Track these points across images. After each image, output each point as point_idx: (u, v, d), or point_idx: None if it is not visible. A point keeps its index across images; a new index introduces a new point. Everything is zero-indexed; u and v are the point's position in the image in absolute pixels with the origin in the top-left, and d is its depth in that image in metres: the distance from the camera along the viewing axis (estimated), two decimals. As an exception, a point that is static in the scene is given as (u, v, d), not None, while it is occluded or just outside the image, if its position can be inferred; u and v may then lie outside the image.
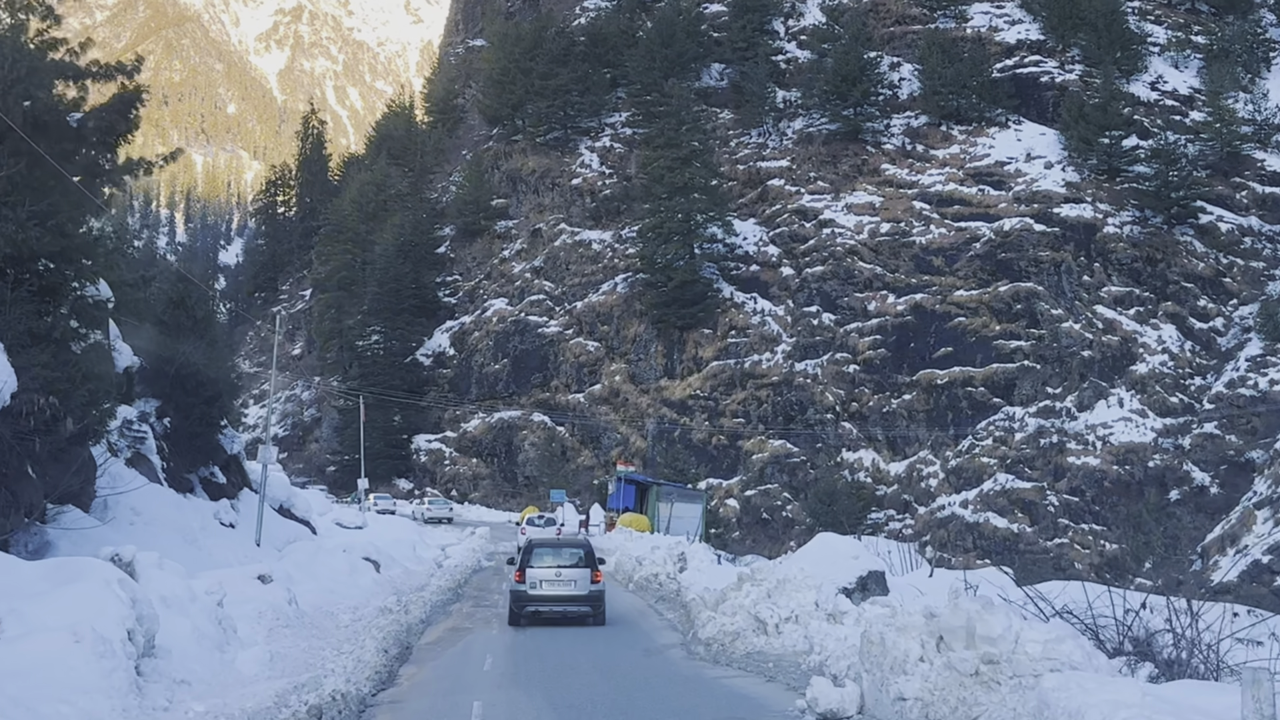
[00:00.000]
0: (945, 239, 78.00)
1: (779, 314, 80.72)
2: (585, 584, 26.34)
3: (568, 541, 31.29)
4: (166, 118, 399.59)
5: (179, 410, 30.24)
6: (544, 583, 26.17)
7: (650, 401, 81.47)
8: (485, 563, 38.76)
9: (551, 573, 26.39)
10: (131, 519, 21.30)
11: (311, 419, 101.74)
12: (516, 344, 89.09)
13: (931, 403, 74.23)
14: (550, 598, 26.21)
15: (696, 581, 26.20)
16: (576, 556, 26.89)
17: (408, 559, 31.13)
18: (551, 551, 27.36)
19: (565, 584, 26.27)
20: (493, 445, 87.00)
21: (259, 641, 16.36)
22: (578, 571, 26.53)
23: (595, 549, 29.17)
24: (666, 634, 23.28)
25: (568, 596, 26.31)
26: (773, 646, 19.18)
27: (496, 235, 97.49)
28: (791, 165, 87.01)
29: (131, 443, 24.94)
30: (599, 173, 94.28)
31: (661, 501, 52.82)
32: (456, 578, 29.78)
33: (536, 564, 26.49)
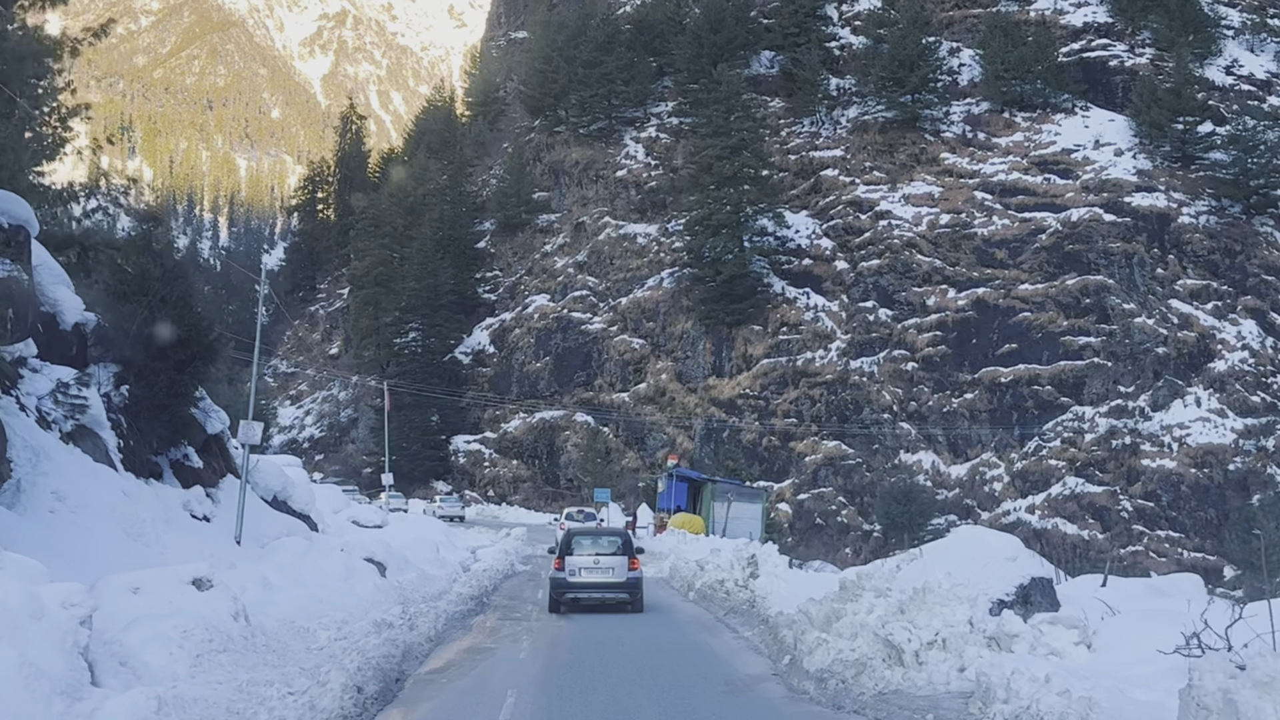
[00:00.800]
0: (1009, 230, 74.18)
1: (833, 309, 77.13)
2: (623, 571, 26.95)
3: (606, 530, 31.75)
4: (211, 122, 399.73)
5: (141, 378, 24.51)
6: (583, 570, 26.77)
7: (698, 401, 78.05)
8: (520, 567, 34.96)
9: (590, 560, 26.98)
10: (52, 506, 16.81)
11: (348, 419, 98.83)
12: (559, 341, 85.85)
13: (995, 402, 70.45)
14: (589, 584, 26.84)
15: (774, 590, 22.22)
16: (615, 545, 27.58)
17: (427, 561, 27.63)
18: (590, 540, 27.98)
19: (604, 571, 26.88)
20: (534, 446, 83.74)
21: (167, 676, 12.04)
22: (616, 559, 27.12)
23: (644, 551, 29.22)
24: (750, 659, 18.11)
25: (606, 584, 26.94)
26: (916, 683, 14.09)
27: (538, 229, 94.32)
28: (846, 155, 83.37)
29: (70, 412, 20.69)
30: (644, 164, 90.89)
31: (717, 500, 49.20)
32: (483, 584, 25.87)
33: (576, 552, 27.12)
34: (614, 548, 27.55)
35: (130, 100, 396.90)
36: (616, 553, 27.37)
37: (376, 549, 22.38)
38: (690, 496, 53.03)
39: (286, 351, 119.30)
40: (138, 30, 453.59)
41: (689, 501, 52.44)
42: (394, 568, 22.30)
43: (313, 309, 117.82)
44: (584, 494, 78.24)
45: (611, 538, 28.40)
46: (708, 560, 26.50)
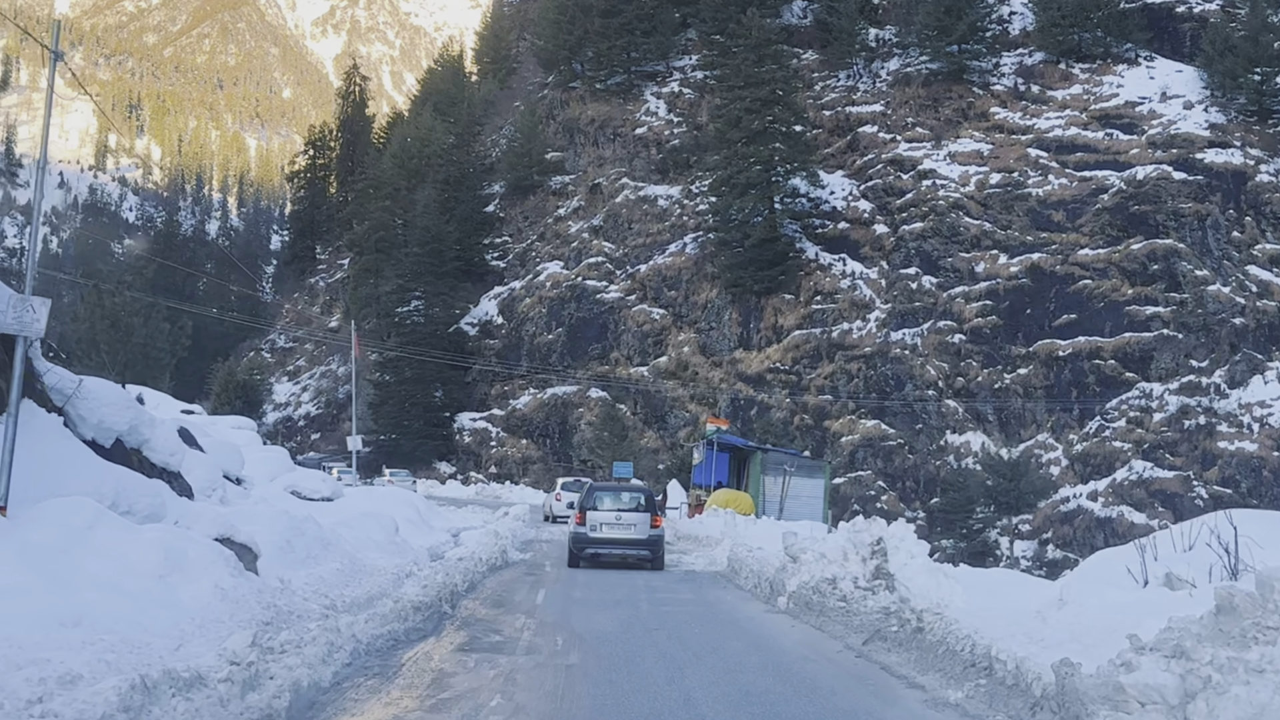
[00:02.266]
0: (1066, 190, 67.64)
1: (871, 277, 70.68)
2: (645, 528, 27.02)
3: (628, 486, 31.54)
4: (221, 101, 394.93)
5: None
6: (604, 525, 26.85)
7: (723, 375, 71.69)
8: (515, 555, 27.82)
9: (612, 516, 27.05)
10: None
11: (346, 396, 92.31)
12: (572, 311, 79.44)
13: (1052, 378, 63.97)
14: (610, 540, 26.90)
15: (944, 598, 13.45)
16: (636, 501, 27.79)
17: (374, 547, 19.92)
18: (612, 495, 28.17)
19: (625, 527, 26.95)
20: (545, 424, 77.39)
21: None
22: (638, 515, 27.20)
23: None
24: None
25: (627, 540, 26.97)
26: None
27: (551, 192, 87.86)
28: (885, 110, 76.78)
29: None
30: (666, 121, 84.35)
31: (768, 474, 41.69)
32: (453, 581, 16.67)
33: (598, 506, 27.28)
34: (635, 504, 27.65)
35: (139, 79, 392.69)
36: (639, 509, 27.47)
37: (259, 528, 13.89)
38: (733, 469, 45.50)
39: (285, 325, 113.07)
40: (148, 8, 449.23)
41: (732, 475, 45.13)
42: (287, 556, 14.06)
43: (313, 280, 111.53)
44: (599, 476, 71.97)
45: (634, 494, 28.71)
46: (802, 550, 17.27)
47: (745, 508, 36.80)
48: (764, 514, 38.02)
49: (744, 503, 37.75)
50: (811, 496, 40.92)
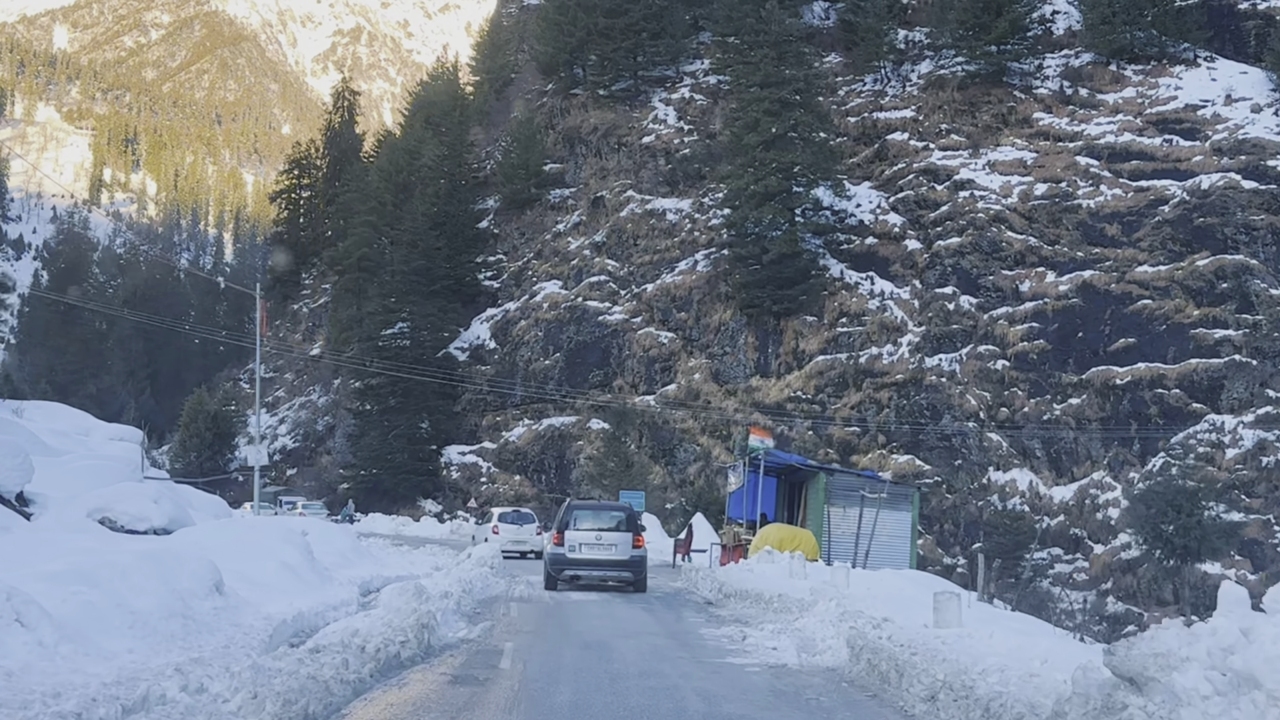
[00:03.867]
0: (1121, 201, 60.96)
1: (903, 297, 63.93)
2: (627, 549, 26.50)
3: (609, 505, 30.78)
4: (219, 137, 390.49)
5: None
6: (584, 546, 26.22)
7: (738, 405, 64.75)
8: (456, 631, 16.96)
9: (592, 536, 26.44)
10: None
11: (325, 428, 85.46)
12: (572, 335, 72.56)
13: (1108, 409, 57.00)
14: (590, 561, 26.34)
15: None
16: (618, 520, 27.09)
17: (135, 625, 10.57)
18: (592, 514, 27.46)
19: (606, 548, 26.36)
20: (540, 458, 70.37)
21: None
22: (619, 535, 26.64)
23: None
24: None
25: (609, 561, 26.40)
26: None
27: (549, 206, 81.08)
28: (917, 116, 70.17)
29: None
30: (675, 129, 77.64)
31: (836, 503, 32.45)
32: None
33: (578, 526, 26.55)
34: (617, 523, 26.94)
35: (136, 113, 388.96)
36: (620, 528, 26.77)
37: None
38: (783, 498, 36.98)
39: (266, 354, 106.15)
40: (147, 44, 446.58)
41: (781, 505, 36.87)
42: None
43: (295, 306, 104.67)
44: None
45: (615, 513, 27.99)
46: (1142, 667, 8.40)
47: (809, 549, 28.60)
48: (833, 559, 29.60)
49: (807, 543, 29.18)
50: (895, 535, 32.15)
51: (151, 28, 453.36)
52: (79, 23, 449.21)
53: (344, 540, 25.18)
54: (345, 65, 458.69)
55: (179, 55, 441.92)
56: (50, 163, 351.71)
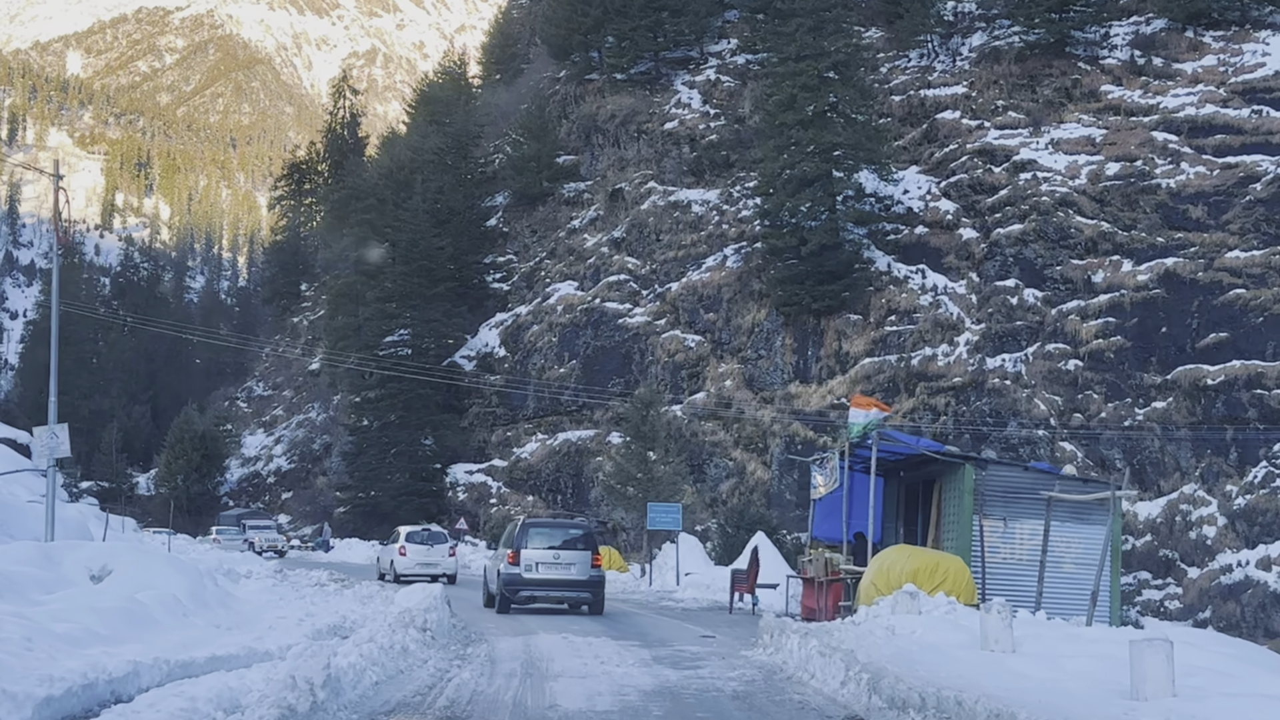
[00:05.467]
0: (1205, 180, 54.12)
1: (959, 291, 57.18)
2: (585, 568, 25.72)
3: (565, 523, 29.80)
4: (234, 160, 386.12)
5: None
6: (541, 565, 25.36)
7: (775, 414, 58.05)
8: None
9: (549, 555, 25.56)
10: None
11: (322, 447, 78.89)
12: (589, 340, 65.96)
13: (1199, 413, 50.00)
14: (547, 582, 25.42)
15: None
16: (575, 538, 26.34)
17: None
18: (547, 532, 26.48)
19: (564, 568, 25.60)
20: (555, 476, 63.71)
21: None
22: (577, 554, 25.79)
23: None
24: None
25: (566, 581, 25.56)
26: None
27: (563, 201, 74.61)
28: (970, 92, 63.51)
29: None
30: (701, 114, 71.05)
31: (991, 513, 23.12)
32: None
33: (532, 545, 25.52)
34: (575, 541, 26.13)
35: (150, 137, 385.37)
36: (578, 547, 25.98)
37: None
38: (896, 504, 27.43)
39: (265, 371, 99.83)
40: (161, 68, 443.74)
41: (891, 517, 27.42)
42: None
43: (295, 320, 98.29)
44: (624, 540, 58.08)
45: (572, 530, 27.21)
46: None
47: (962, 588, 20.13)
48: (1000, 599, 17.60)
49: (957, 578, 20.47)
50: (1081, 562, 22.20)
51: (165, 52, 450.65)
52: (92, 48, 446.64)
53: (185, 580, 17.74)
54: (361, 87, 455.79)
55: (193, 79, 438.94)
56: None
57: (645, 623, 25.28)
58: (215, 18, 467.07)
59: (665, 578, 39.40)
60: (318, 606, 22.44)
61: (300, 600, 23.43)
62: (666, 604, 32.22)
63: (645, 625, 24.49)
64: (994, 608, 15.90)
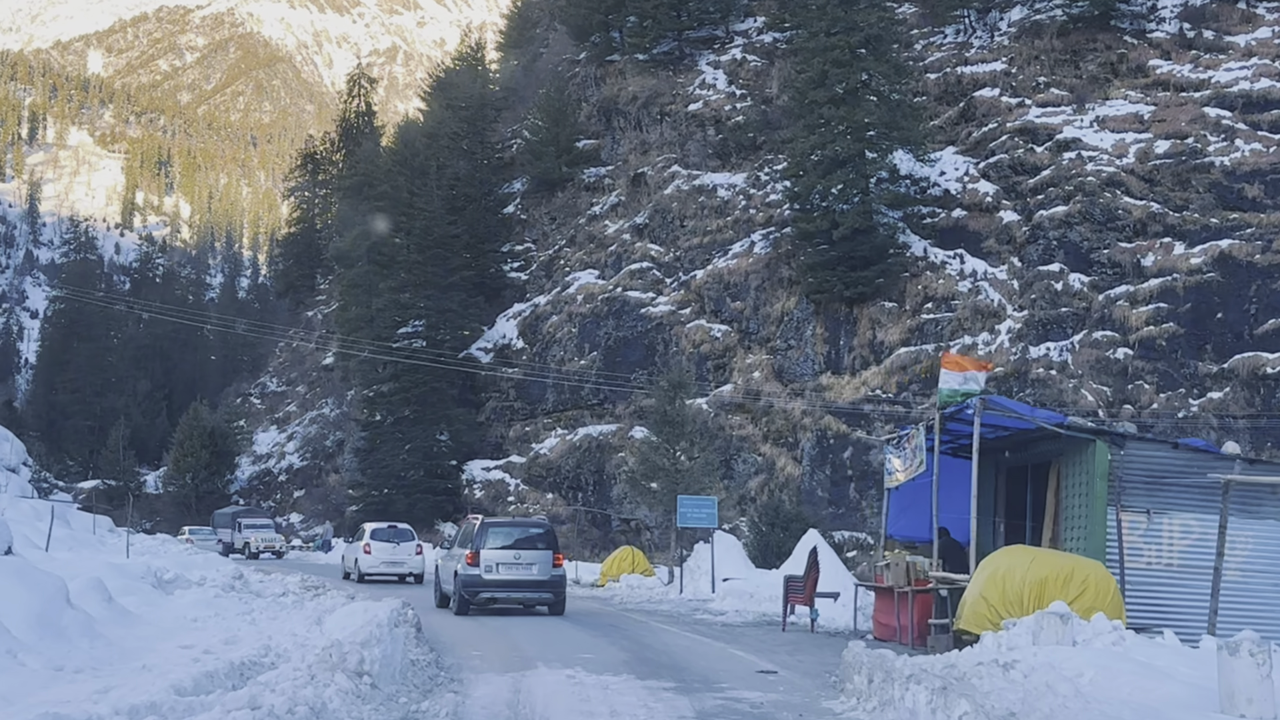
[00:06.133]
0: (1262, 158, 51.09)
1: (999, 277, 54.19)
2: (547, 568, 25.10)
3: (525, 521, 29.56)
4: (254, 158, 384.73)
5: None
6: (500, 566, 24.84)
7: (806, 407, 55.22)
8: None
9: (509, 555, 25.04)
10: None
11: (334, 444, 76.27)
12: (610, 330, 63.18)
13: (1258, 403, 47.06)
14: (507, 582, 24.86)
15: None
16: (535, 537, 25.73)
17: None
18: (506, 532, 25.91)
19: (524, 568, 25.02)
20: (575, 473, 60.91)
21: None
22: (538, 554, 25.22)
23: None
24: None
25: (527, 581, 24.96)
26: None
27: (583, 186, 71.76)
28: (1009, 69, 60.54)
29: None
30: (726, 95, 68.12)
31: (1131, 505, 18.20)
32: None
33: (491, 545, 24.99)
34: (535, 540, 25.56)
35: (171, 136, 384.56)
36: (539, 546, 25.42)
37: None
38: (1000, 495, 22.61)
39: (279, 367, 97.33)
40: (182, 67, 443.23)
41: (998, 509, 22.52)
42: None
43: (309, 314, 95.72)
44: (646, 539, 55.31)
45: (533, 529, 26.51)
46: None
47: (1105, 600, 15.58)
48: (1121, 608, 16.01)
49: (1099, 589, 15.98)
50: (1252, 564, 17.89)
51: (186, 51, 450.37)
52: (113, 48, 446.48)
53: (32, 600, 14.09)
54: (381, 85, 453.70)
55: (214, 78, 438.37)
56: (83, 186, 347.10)
57: (679, 647, 20.28)
58: (236, 16, 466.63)
59: (698, 583, 35.12)
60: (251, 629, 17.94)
61: (238, 618, 18.94)
62: (702, 617, 27.98)
63: (679, 651, 19.51)
64: (1243, 646, 10.64)
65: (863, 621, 23.12)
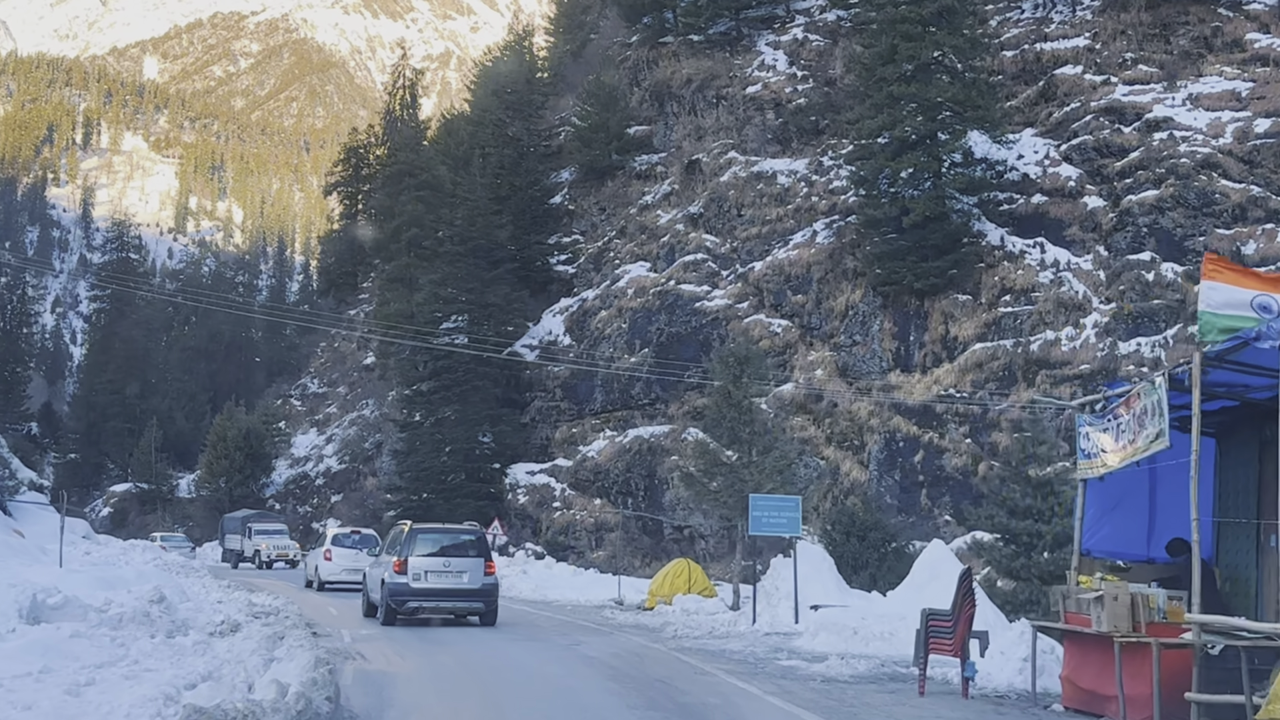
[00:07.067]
0: (1375, 136, 46.79)
1: (1084, 267, 50.09)
2: (478, 576, 24.28)
3: (455, 528, 27.23)
4: (307, 164, 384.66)
5: None
6: (429, 574, 23.94)
7: (873, 407, 51.33)
8: None
9: (439, 562, 24.16)
10: None
11: (373, 446, 73.02)
12: (663, 326, 59.53)
13: (1375, 403, 42.55)
14: (437, 591, 24.04)
15: None
16: (466, 544, 24.91)
17: None
18: (435, 538, 25.12)
19: (455, 576, 24.17)
20: (625, 477, 57.20)
21: None
22: (469, 561, 24.36)
23: None
24: None
25: (458, 590, 24.16)
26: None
27: (634, 175, 68.10)
28: (1093, 45, 56.43)
29: None
30: (787, 76, 64.30)
31: None
32: None
33: (420, 552, 24.01)
34: (466, 547, 24.63)
35: (225, 141, 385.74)
36: (470, 554, 24.46)
37: None
38: (1256, 486, 13.15)
39: (320, 367, 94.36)
40: (236, 72, 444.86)
41: (1253, 509, 13.06)
42: None
43: (352, 313, 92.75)
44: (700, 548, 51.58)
45: (463, 534, 25.60)
46: None
47: None
48: None
49: None
50: None
51: (240, 56, 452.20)
52: (168, 53, 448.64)
53: None
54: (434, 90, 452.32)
55: (267, 83, 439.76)
56: (136, 191, 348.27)
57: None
58: (290, 22, 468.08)
59: (776, 611, 27.82)
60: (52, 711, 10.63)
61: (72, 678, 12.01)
62: (790, 664, 20.02)
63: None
64: None
65: (1047, 680, 15.98)
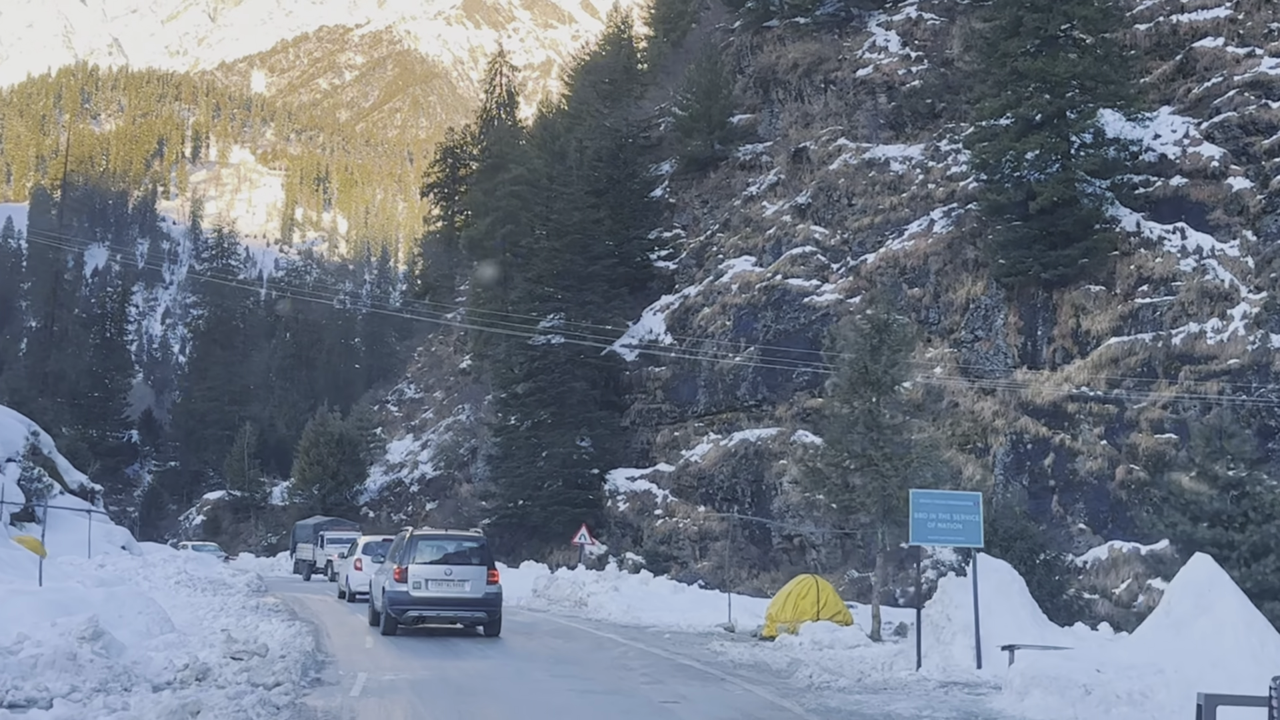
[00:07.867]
0: None
1: (1230, 254, 45.99)
2: (481, 585, 23.79)
3: (457, 535, 26.96)
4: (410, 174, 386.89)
5: None
6: (430, 582, 23.59)
7: (998, 407, 47.71)
8: None
9: (440, 570, 23.75)
10: None
11: (468, 452, 70.59)
12: (769, 323, 56.31)
13: None
14: (438, 600, 23.64)
15: None
16: (469, 551, 24.38)
17: None
18: (438, 545, 24.54)
19: (457, 584, 23.75)
20: (730, 483, 54.02)
21: None
22: (471, 569, 23.87)
23: None
24: None
25: (459, 599, 23.74)
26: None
27: (738, 165, 64.92)
28: (1235, 15, 52.25)
29: None
30: (900, 58, 60.76)
31: None
32: None
33: (421, 559, 23.63)
34: (469, 555, 24.11)
35: (330, 153, 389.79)
36: (472, 561, 23.94)
37: None
38: None
39: (417, 372, 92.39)
40: (341, 85, 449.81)
41: None
42: None
43: (449, 315, 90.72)
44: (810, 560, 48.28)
45: (466, 542, 25.09)
46: None
47: None
48: None
49: None
50: None
51: (345, 69, 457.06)
52: (275, 67, 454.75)
53: None
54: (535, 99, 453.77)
55: (372, 95, 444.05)
56: (244, 203, 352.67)
57: None
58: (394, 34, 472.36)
59: (949, 650, 21.64)
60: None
61: None
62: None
63: None
64: None
65: None
